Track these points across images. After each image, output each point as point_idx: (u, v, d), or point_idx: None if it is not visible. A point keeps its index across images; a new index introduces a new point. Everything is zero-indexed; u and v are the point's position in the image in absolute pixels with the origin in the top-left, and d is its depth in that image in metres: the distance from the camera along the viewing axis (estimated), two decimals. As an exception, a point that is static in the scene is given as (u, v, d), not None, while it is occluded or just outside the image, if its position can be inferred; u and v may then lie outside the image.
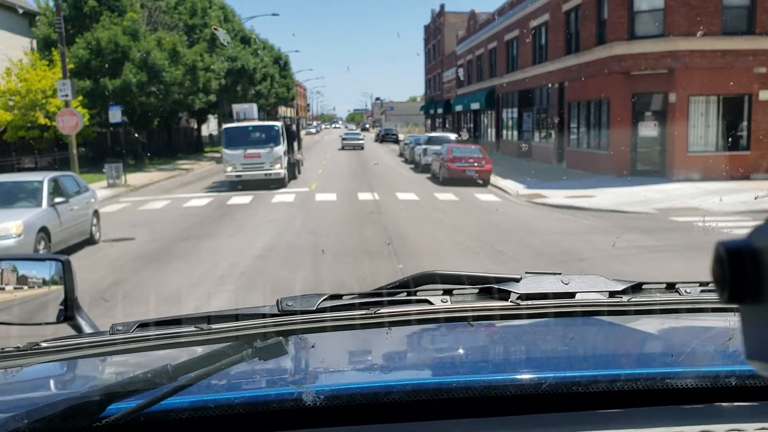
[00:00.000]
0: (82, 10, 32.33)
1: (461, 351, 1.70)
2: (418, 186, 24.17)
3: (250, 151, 23.05)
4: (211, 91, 35.00)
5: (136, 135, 37.73)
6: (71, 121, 20.24)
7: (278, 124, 24.39)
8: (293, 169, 26.11)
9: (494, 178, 24.60)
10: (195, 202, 19.77)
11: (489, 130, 43.57)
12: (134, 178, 27.99)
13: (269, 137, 23.57)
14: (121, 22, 31.27)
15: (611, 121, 23.52)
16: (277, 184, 23.16)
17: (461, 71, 53.58)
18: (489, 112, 42.97)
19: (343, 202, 19.08)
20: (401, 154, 43.42)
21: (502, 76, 39.17)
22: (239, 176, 23.02)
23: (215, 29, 39.19)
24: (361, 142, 52.38)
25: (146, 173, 31.12)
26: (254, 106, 27.14)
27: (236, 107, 27.49)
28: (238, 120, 25.57)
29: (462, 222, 15.66)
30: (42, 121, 27.42)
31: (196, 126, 52.78)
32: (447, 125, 60.85)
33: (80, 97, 28.94)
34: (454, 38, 58.77)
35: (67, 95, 20.17)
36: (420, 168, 30.35)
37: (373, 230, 13.94)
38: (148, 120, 34.68)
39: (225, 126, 24.99)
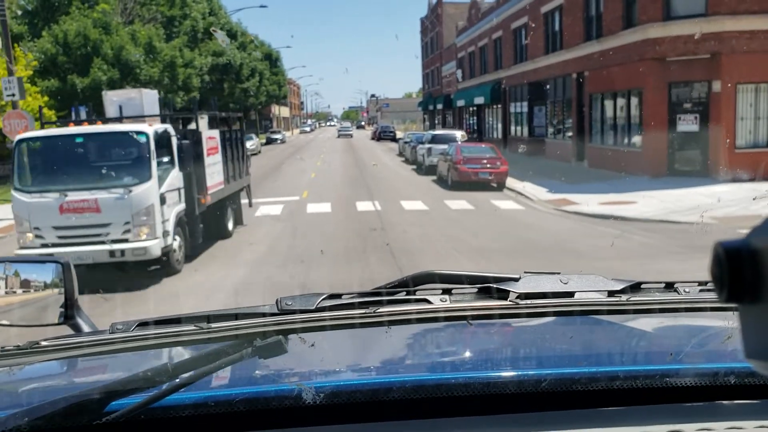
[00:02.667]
0: (50, 0, 29.36)
1: (460, 350, 1.68)
2: (424, 191, 21.28)
3: (73, 197, 9.79)
4: (192, 89, 32.04)
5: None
6: (20, 124, 17.27)
7: (147, 131, 10.04)
8: (220, 223, 13.01)
9: (510, 181, 21.73)
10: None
11: (494, 125, 40.67)
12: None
13: (127, 163, 10.26)
14: (92, 14, 28.30)
15: (644, 114, 20.63)
16: (162, 268, 10.26)
17: (460, 72, 50.73)
18: (494, 106, 40.07)
19: (339, 215, 16.19)
20: (401, 154, 40.57)
21: (509, 67, 36.27)
22: (50, 255, 8.85)
23: (214, 30, 36.47)
24: (351, 132, 78.43)
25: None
26: (148, 94, 12.84)
27: (110, 95, 12.73)
28: (113, 120, 11.61)
29: (486, 240, 12.78)
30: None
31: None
32: (448, 121, 57.94)
33: (45, 98, 25.99)
34: (453, 30, 55.85)
35: (14, 95, 17.21)
36: (424, 170, 27.45)
37: (377, 257, 11.05)
38: (124, 121, 31.72)
39: (19, 136, 10.89)
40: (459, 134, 28.69)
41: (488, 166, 21.12)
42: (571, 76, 26.86)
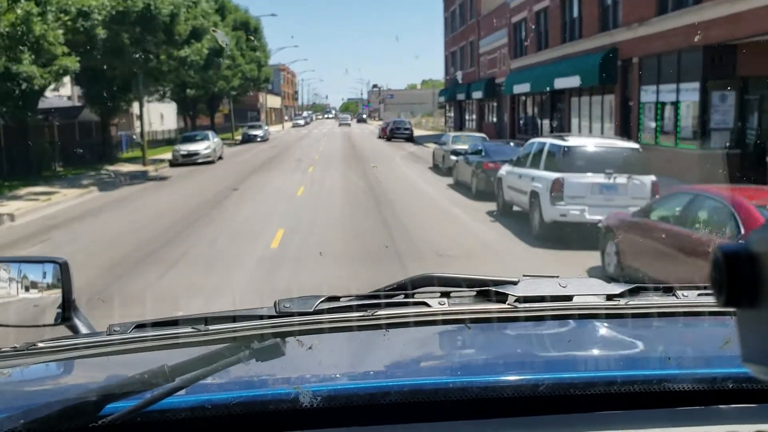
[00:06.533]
0: None
1: (459, 353, 1.70)
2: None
3: None
4: (54, 50, 16.09)
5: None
6: None
7: None
8: None
9: None
10: None
11: (595, 124, 24.74)
12: None
13: None
14: None
15: None
16: None
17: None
18: (599, 93, 24.15)
19: None
20: (437, 167, 24.96)
21: (641, 23, 20.38)
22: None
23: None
24: (349, 123, 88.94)
25: None
26: None
27: None
28: None
29: None
30: None
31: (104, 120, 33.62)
32: (489, 117, 41.92)
33: None
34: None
35: None
36: (537, 232, 11.61)
37: None
38: None
39: None
40: (630, 148, 12.33)
41: None
42: None
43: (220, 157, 33.04)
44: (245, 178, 23.22)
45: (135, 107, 49.20)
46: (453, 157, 21.78)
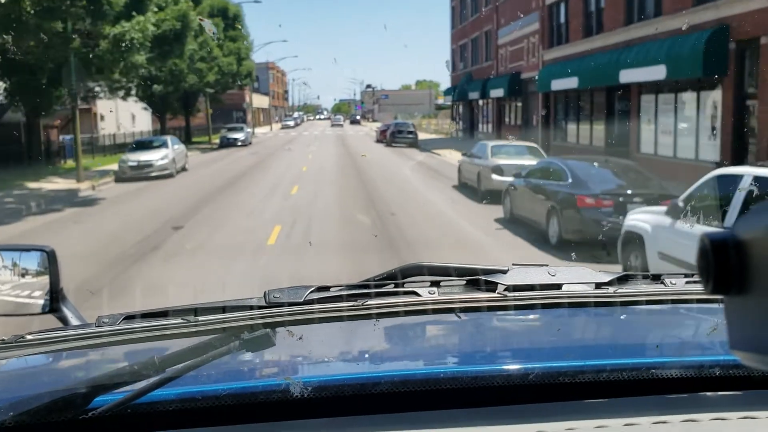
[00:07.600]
0: None
1: (449, 342, 1.68)
2: None
3: None
4: None
5: None
6: None
7: None
8: None
9: None
10: None
11: (677, 130, 18.24)
12: None
13: None
14: None
15: None
16: None
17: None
18: (692, 87, 17.64)
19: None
20: (465, 184, 18.68)
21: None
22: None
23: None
24: (341, 124, 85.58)
25: None
26: None
27: None
28: None
29: None
30: None
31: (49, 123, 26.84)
32: (512, 119, 35.39)
33: None
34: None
35: None
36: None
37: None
38: None
39: None
40: None
41: None
42: None
43: (183, 168, 26.41)
44: (201, 205, 16.55)
45: (99, 106, 42.79)
46: (497, 178, 15.35)
